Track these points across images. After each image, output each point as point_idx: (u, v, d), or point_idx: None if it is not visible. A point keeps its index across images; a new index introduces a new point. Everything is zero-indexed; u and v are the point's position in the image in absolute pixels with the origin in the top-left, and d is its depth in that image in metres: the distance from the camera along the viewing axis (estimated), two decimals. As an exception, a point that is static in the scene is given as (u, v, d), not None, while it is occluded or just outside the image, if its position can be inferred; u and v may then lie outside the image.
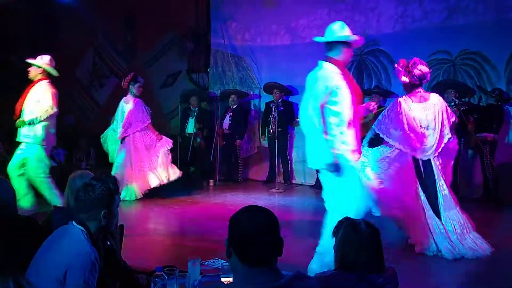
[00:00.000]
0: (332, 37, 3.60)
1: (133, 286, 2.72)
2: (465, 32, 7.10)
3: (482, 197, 6.77)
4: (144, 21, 10.00)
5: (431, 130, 4.40)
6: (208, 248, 4.30)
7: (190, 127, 8.83)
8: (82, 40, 10.67)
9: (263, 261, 1.69)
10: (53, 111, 5.56)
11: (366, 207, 3.54)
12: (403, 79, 4.48)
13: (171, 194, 7.10)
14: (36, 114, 5.49)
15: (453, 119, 4.49)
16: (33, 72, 5.68)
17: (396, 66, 4.56)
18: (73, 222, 2.25)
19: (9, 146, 7.23)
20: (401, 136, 4.39)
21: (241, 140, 8.77)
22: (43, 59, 5.70)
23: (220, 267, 3.11)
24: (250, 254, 1.69)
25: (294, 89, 8.63)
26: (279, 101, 8.42)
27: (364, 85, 7.83)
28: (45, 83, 5.64)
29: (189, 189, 7.66)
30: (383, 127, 4.45)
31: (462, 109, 6.27)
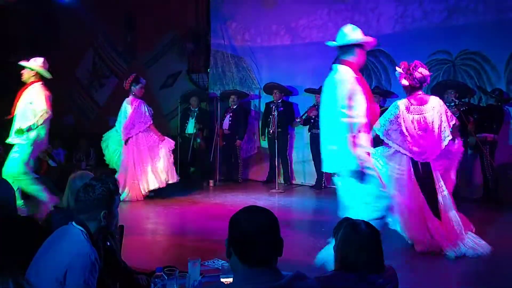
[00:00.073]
0: (345, 41, 3.58)
1: (133, 287, 2.72)
2: (465, 32, 7.10)
3: (482, 198, 6.77)
4: (144, 21, 9.99)
5: (429, 133, 4.40)
6: (208, 248, 4.30)
7: (190, 128, 8.84)
8: (82, 40, 10.67)
9: (263, 261, 1.70)
10: (48, 115, 5.53)
11: (385, 210, 3.53)
12: (404, 82, 4.49)
13: (171, 194, 7.11)
14: (32, 120, 5.43)
15: (453, 122, 4.48)
16: (26, 75, 5.63)
17: (397, 69, 4.57)
18: (73, 223, 2.25)
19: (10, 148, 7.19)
20: (399, 139, 4.41)
21: (241, 141, 8.77)
22: (36, 61, 5.64)
23: (220, 268, 3.12)
24: (250, 254, 1.69)
25: (294, 90, 8.64)
26: (279, 102, 8.41)
27: (364, 86, 7.82)
28: (38, 86, 5.59)
29: (189, 189, 7.66)
30: (383, 129, 4.47)
31: (462, 110, 6.27)
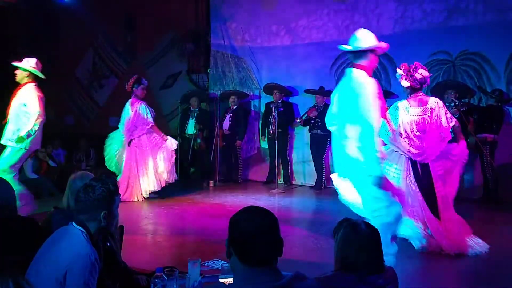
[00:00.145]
0: (360, 46, 3.63)
1: (133, 287, 2.72)
2: (465, 33, 7.11)
3: (482, 198, 6.77)
4: (144, 22, 9.99)
5: (429, 134, 4.41)
6: (208, 249, 4.29)
7: (190, 128, 8.84)
8: (82, 40, 10.67)
9: (263, 261, 1.70)
10: (42, 118, 5.50)
11: (400, 212, 3.59)
12: (404, 83, 4.50)
13: (171, 194, 7.12)
14: (28, 124, 5.40)
15: (453, 123, 4.49)
16: (20, 75, 5.61)
17: (398, 71, 4.58)
18: (73, 223, 2.25)
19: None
20: (398, 139, 4.43)
21: (241, 141, 8.76)
22: (29, 62, 5.61)
23: (220, 268, 3.12)
24: (250, 255, 1.69)
25: (294, 90, 8.64)
26: (279, 102, 8.41)
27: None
28: (31, 86, 5.57)
29: (189, 190, 7.66)
30: (382, 129, 4.47)
31: (462, 110, 6.27)
